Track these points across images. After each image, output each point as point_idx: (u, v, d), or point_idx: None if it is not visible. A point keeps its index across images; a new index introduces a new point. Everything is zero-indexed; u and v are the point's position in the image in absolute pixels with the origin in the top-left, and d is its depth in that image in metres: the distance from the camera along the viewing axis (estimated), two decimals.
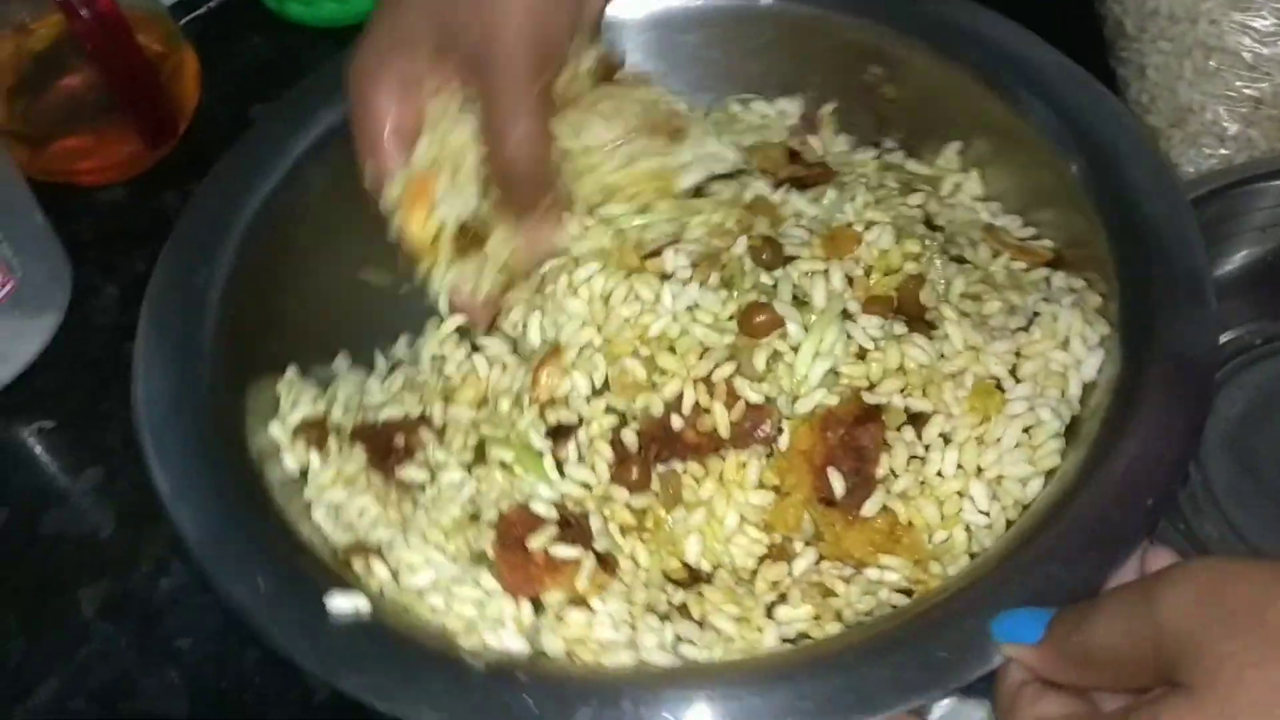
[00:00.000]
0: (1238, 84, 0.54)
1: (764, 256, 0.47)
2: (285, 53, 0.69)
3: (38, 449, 0.56)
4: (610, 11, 0.53)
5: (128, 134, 0.61)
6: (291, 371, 0.49)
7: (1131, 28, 0.58)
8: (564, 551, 0.42)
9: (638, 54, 0.55)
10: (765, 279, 0.46)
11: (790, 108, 0.56)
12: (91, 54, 0.56)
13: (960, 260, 0.49)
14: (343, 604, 0.39)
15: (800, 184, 0.51)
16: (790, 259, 0.47)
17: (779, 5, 0.54)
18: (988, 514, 0.43)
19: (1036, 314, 0.46)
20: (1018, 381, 0.45)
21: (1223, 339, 0.54)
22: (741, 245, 0.47)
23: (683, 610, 0.42)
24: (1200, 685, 0.30)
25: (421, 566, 0.43)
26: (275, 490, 0.44)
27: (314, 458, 0.46)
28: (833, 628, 0.41)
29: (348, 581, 0.41)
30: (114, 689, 0.48)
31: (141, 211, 0.63)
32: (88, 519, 0.53)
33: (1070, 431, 0.43)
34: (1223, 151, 0.56)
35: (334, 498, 0.45)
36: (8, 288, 0.54)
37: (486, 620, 0.41)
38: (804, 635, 0.42)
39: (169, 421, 0.44)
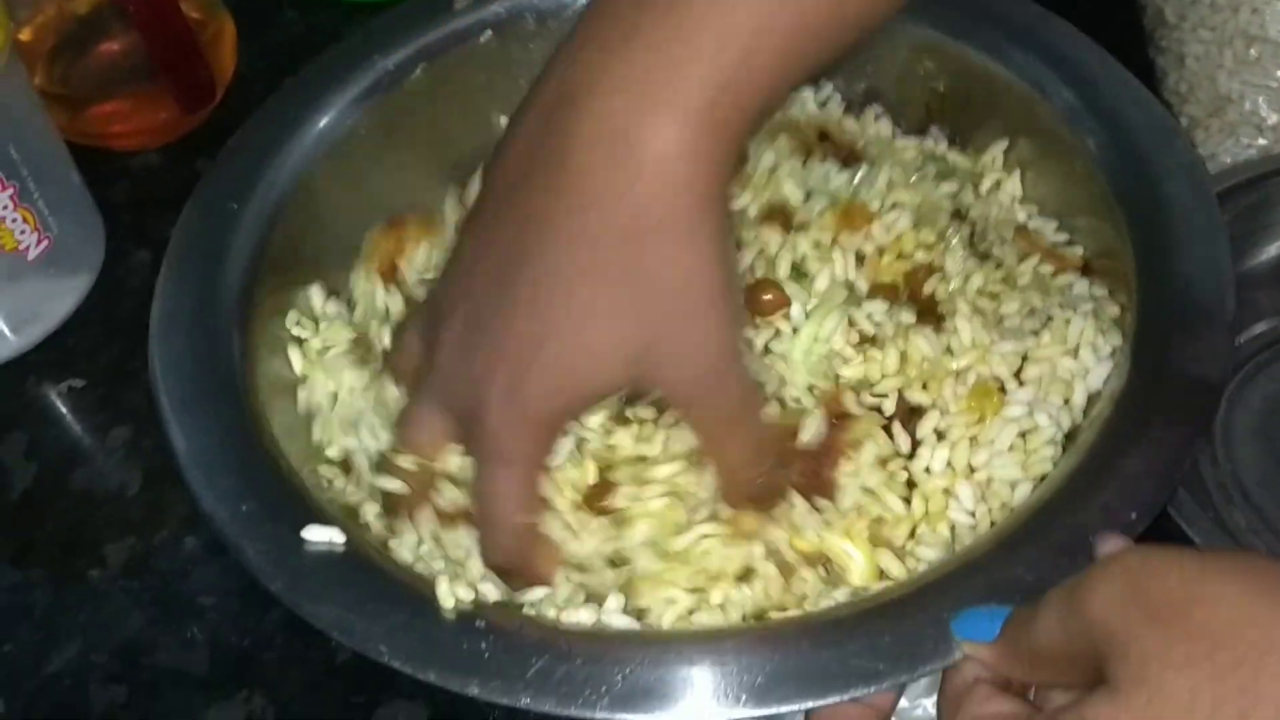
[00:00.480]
0: (1279, 73, 0.54)
1: (776, 221, 0.47)
2: (320, 27, 0.70)
3: (67, 407, 0.56)
4: None
5: (165, 100, 0.61)
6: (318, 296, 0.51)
7: (1172, 16, 0.57)
8: None
9: None
10: (772, 241, 0.46)
11: (828, 90, 0.56)
12: (134, 17, 0.57)
13: (985, 256, 0.48)
14: (318, 534, 0.40)
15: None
16: (801, 227, 0.47)
17: None
18: (973, 514, 0.43)
19: (1050, 318, 0.46)
20: (1021, 384, 0.44)
21: (1254, 330, 0.53)
22: (751, 204, 0.47)
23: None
24: (1125, 684, 0.29)
25: None
26: (273, 417, 0.45)
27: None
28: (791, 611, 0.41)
29: (329, 517, 0.41)
30: (136, 645, 0.49)
31: (175, 177, 0.63)
32: (114, 477, 0.53)
33: (1068, 439, 0.43)
34: (1261, 141, 0.55)
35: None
36: (43, 246, 0.55)
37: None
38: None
39: (175, 337, 0.45)
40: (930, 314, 0.46)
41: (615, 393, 0.38)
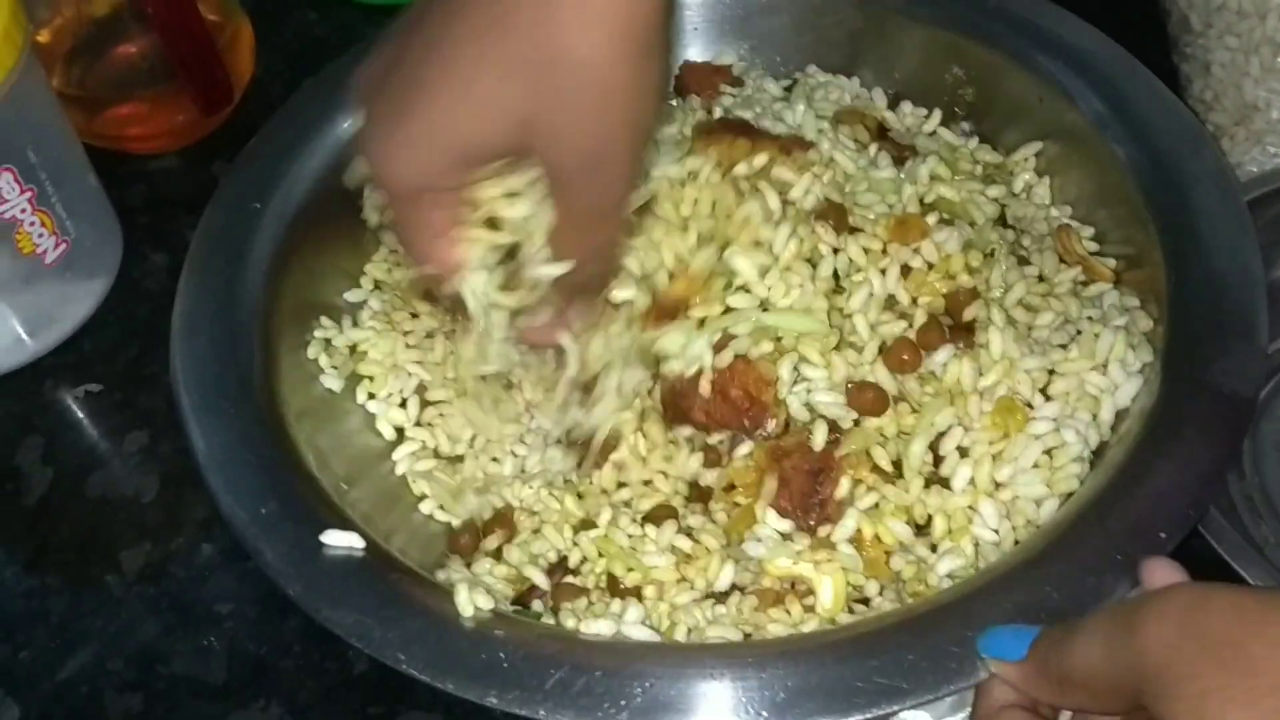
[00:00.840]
0: None
1: (830, 220, 0.46)
2: (338, 28, 0.70)
3: (83, 412, 0.56)
4: None
5: (181, 102, 0.61)
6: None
7: (1197, 23, 0.57)
8: None
9: (718, 32, 0.56)
10: (825, 238, 0.46)
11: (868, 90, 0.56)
12: (152, 19, 0.57)
13: (1025, 261, 0.48)
14: (338, 539, 0.40)
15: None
16: (854, 230, 0.46)
17: None
18: (997, 531, 0.42)
19: (1079, 331, 0.45)
20: (1047, 399, 0.44)
21: None
22: (811, 198, 0.47)
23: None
24: (1181, 719, 0.29)
25: None
26: (292, 422, 0.45)
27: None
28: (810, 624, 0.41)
29: (348, 522, 0.41)
30: (152, 652, 0.48)
31: (192, 180, 0.63)
32: (131, 482, 0.53)
33: (1095, 456, 0.43)
34: None
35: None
36: (61, 249, 0.54)
37: None
38: None
39: (197, 338, 0.46)
40: (961, 328, 0.45)
41: (499, 153, 0.38)
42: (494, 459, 0.47)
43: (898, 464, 0.43)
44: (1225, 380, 0.40)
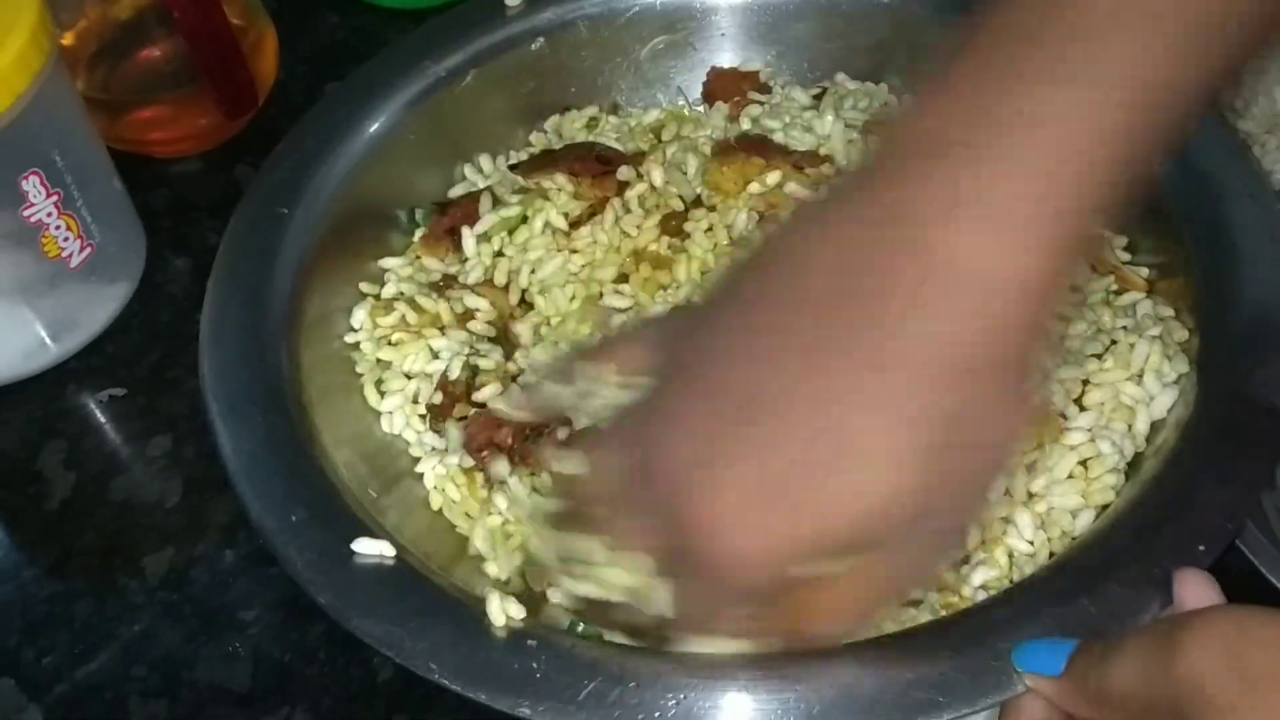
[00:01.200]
0: None
1: None
2: (362, 33, 0.69)
3: (106, 416, 0.56)
4: None
5: (205, 106, 0.61)
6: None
7: None
8: None
9: (746, 38, 0.55)
10: None
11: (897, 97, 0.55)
12: (178, 22, 0.56)
13: None
14: (368, 547, 0.40)
15: None
16: None
17: (898, 3, 0.53)
18: (1032, 543, 0.42)
19: (1114, 341, 0.45)
20: (1082, 409, 0.43)
21: None
22: None
23: None
24: None
25: None
26: (321, 425, 0.45)
27: None
28: None
29: (379, 530, 0.41)
30: (176, 658, 0.48)
31: (215, 184, 0.63)
32: (154, 487, 0.53)
33: (1130, 467, 0.42)
34: None
35: None
36: (85, 253, 0.54)
37: None
38: None
39: (225, 343, 0.46)
40: None
41: (836, 555, 0.32)
42: None
43: None
44: (1263, 392, 0.40)
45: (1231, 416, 0.40)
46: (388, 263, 0.52)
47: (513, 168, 0.54)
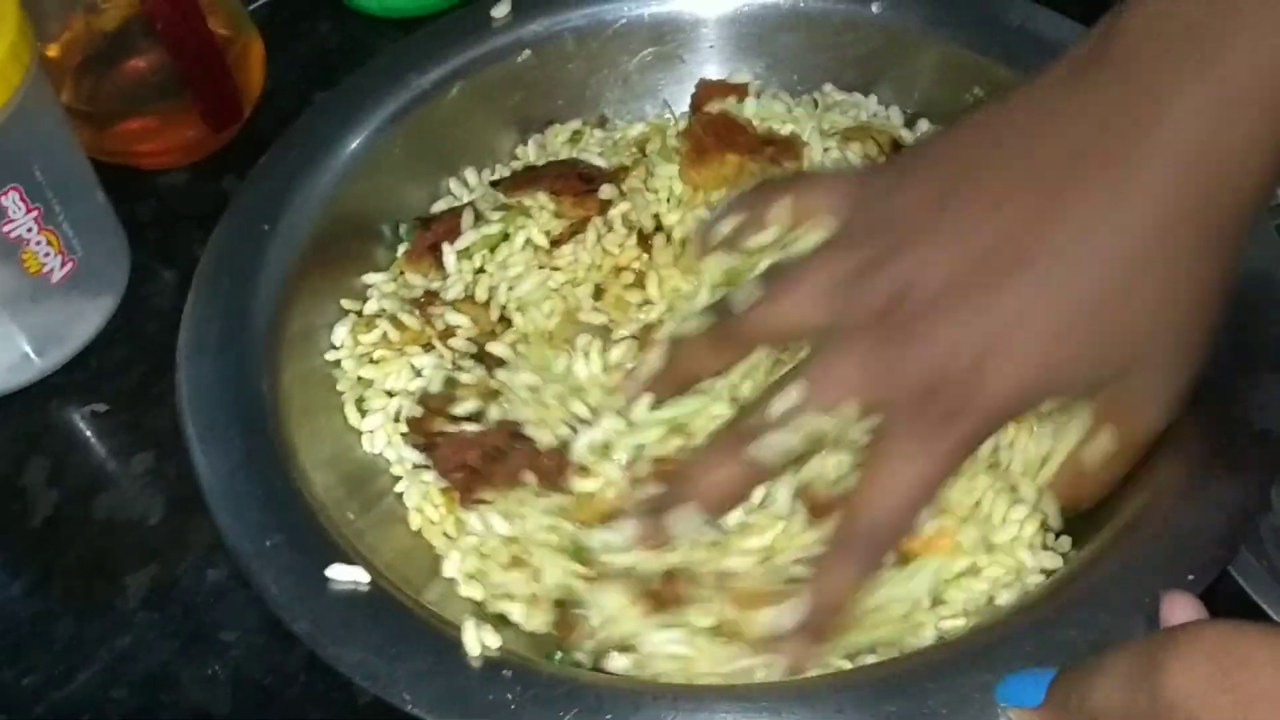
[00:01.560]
0: None
1: None
2: (351, 41, 0.69)
3: (90, 432, 0.55)
4: (703, 4, 0.53)
5: (191, 117, 0.60)
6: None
7: None
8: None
9: (734, 49, 0.55)
10: None
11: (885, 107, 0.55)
12: (161, 33, 0.56)
13: None
14: (343, 573, 0.39)
15: None
16: None
17: (888, 15, 0.53)
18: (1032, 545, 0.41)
19: None
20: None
21: None
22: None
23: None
24: None
25: None
26: (300, 444, 0.44)
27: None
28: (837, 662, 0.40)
29: (354, 554, 0.41)
30: (156, 679, 0.47)
31: (202, 196, 0.62)
32: (137, 505, 0.52)
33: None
34: None
35: None
36: (67, 269, 0.54)
37: None
38: None
39: (203, 362, 0.45)
40: None
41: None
42: None
43: None
44: (1256, 416, 0.39)
45: (1223, 442, 0.39)
46: (371, 278, 0.52)
47: (495, 184, 0.53)
